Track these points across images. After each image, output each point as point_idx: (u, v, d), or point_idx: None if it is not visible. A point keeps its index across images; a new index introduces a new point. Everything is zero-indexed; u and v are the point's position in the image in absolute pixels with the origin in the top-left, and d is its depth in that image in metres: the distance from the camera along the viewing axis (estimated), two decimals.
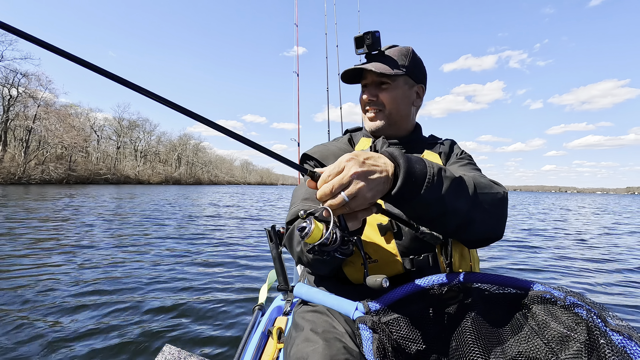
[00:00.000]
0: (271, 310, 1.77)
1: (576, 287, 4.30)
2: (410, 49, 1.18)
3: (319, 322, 0.92)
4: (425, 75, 1.23)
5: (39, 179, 49.59)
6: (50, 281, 3.81)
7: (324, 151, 1.22)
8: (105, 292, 3.52)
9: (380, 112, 1.16)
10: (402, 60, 1.14)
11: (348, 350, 0.81)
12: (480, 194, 0.86)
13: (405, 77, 1.15)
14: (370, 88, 1.16)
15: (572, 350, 0.73)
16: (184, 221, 10.34)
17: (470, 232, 0.86)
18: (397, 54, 1.14)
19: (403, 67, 1.13)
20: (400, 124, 1.19)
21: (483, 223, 0.86)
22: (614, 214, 19.65)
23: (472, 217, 0.84)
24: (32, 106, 53.38)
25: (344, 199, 0.68)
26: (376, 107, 1.16)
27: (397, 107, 1.15)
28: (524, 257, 6.00)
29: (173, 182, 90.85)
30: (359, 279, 1.05)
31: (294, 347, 0.86)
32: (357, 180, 0.68)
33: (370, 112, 1.18)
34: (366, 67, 1.10)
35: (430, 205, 0.76)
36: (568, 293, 0.80)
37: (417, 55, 1.19)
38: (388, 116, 1.16)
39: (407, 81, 1.16)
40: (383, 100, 1.14)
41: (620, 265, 5.65)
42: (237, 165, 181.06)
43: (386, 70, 1.09)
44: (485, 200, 0.87)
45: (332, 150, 1.22)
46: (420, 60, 1.20)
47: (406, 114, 1.19)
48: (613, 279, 4.74)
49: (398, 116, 1.17)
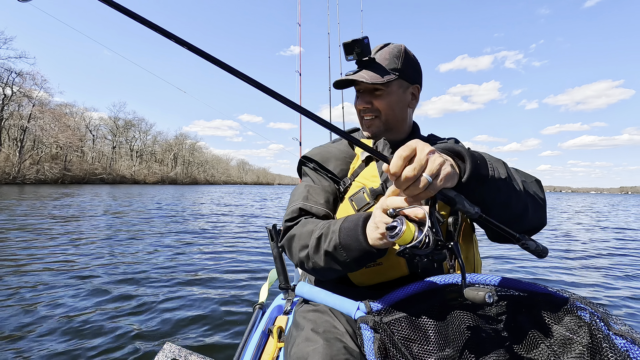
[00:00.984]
0: (272, 309, 1.78)
1: (580, 288, 4.34)
2: (403, 48, 1.13)
3: (319, 322, 0.92)
4: (420, 73, 1.18)
5: (34, 178, 49.30)
6: (49, 280, 3.79)
7: (324, 153, 1.21)
8: (104, 291, 3.51)
9: (376, 118, 1.13)
10: (394, 63, 1.10)
11: (348, 351, 0.81)
12: (524, 179, 0.87)
13: (399, 81, 1.11)
14: (364, 95, 1.13)
15: (575, 353, 0.73)
16: (184, 220, 10.32)
17: (527, 218, 0.86)
18: (388, 57, 1.10)
19: (395, 70, 1.09)
20: (398, 128, 1.16)
21: (534, 208, 0.87)
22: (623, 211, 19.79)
23: (526, 201, 0.84)
24: (27, 105, 53.06)
25: (427, 181, 0.63)
26: (372, 114, 1.13)
27: (392, 112, 1.12)
28: (525, 258, 6.03)
29: (169, 182, 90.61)
30: (363, 282, 1.04)
31: (295, 346, 0.86)
32: (433, 157, 0.64)
33: (366, 119, 1.15)
34: (357, 78, 1.07)
35: (499, 188, 0.75)
36: (572, 296, 0.80)
37: (410, 54, 1.14)
38: (385, 122, 1.13)
39: (401, 84, 1.12)
40: (378, 107, 1.12)
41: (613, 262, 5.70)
42: (234, 165, 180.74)
43: (377, 79, 1.06)
44: (529, 184, 0.88)
45: (332, 152, 1.21)
46: (413, 59, 1.15)
47: (402, 117, 1.16)
48: (616, 278, 4.77)
49: (394, 120, 1.14)
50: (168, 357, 1.03)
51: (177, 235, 7.53)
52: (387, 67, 1.09)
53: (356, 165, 1.15)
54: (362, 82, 1.07)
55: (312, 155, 1.22)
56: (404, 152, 0.64)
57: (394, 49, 1.11)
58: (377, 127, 1.14)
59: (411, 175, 0.63)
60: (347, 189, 1.11)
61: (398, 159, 0.64)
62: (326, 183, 1.16)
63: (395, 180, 0.66)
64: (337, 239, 0.86)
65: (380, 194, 1.04)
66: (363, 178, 1.09)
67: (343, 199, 1.12)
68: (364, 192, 1.06)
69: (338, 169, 1.17)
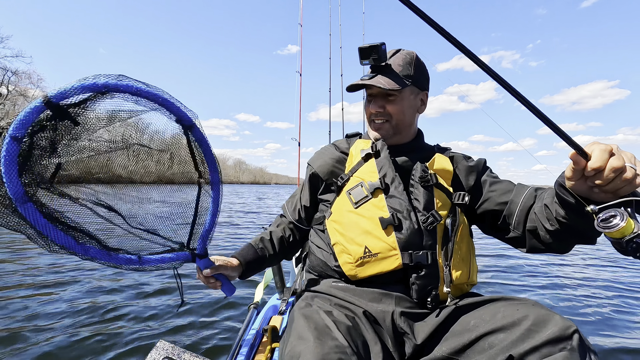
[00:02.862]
0: (267, 309, 1.78)
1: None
2: (414, 55, 1.18)
3: (313, 320, 0.92)
4: (429, 79, 1.24)
5: None
6: (47, 279, 3.79)
7: (315, 156, 1.33)
8: (101, 289, 3.50)
9: (387, 122, 1.18)
10: (408, 69, 1.14)
11: (340, 349, 0.81)
12: None
13: (411, 87, 1.16)
14: (377, 99, 1.17)
15: None
16: None
17: None
18: (402, 63, 1.15)
19: (409, 77, 1.14)
20: (406, 132, 1.21)
21: None
22: None
23: None
24: (23, 104, 52.66)
25: (634, 170, 0.66)
26: (383, 118, 1.18)
27: (403, 117, 1.17)
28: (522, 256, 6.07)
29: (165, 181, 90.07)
30: (357, 275, 1.06)
31: (288, 345, 0.86)
32: (624, 152, 0.70)
33: (376, 122, 1.20)
34: (374, 83, 1.10)
35: None
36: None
37: (421, 61, 1.20)
38: (395, 126, 1.18)
39: (413, 90, 1.17)
40: (390, 112, 1.16)
41: None
42: (230, 164, 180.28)
43: (394, 86, 1.10)
44: None
45: (321, 153, 1.31)
46: (423, 66, 1.21)
47: (411, 122, 1.21)
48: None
49: (403, 125, 1.19)
50: (161, 355, 1.04)
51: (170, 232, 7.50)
52: (400, 74, 1.13)
53: (354, 162, 1.19)
54: (380, 87, 1.10)
55: (309, 160, 1.34)
56: (606, 147, 0.68)
57: (407, 56, 1.16)
58: (387, 131, 1.18)
59: (619, 165, 0.66)
60: (345, 184, 1.16)
61: (602, 153, 0.67)
62: (306, 194, 1.32)
63: (595, 175, 0.69)
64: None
65: (378, 187, 1.08)
66: (362, 173, 1.14)
67: (340, 193, 1.17)
68: (362, 186, 1.10)
69: (323, 167, 1.25)
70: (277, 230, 1.36)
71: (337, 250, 1.10)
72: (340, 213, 1.13)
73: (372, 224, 1.05)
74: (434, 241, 1.04)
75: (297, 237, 1.37)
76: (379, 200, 1.07)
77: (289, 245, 1.36)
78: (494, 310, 0.93)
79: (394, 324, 1.01)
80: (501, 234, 1.16)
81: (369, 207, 1.07)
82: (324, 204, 1.26)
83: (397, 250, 1.01)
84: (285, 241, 1.35)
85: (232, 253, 1.27)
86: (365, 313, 1.02)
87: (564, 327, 0.81)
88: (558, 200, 0.86)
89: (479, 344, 0.89)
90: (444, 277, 1.03)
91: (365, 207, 1.08)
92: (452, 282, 1.03)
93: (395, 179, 1.08)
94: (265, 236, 1.32)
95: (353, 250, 1.05)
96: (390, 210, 1.04)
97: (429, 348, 0.97)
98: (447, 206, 1.09)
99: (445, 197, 1.11)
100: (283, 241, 1.34)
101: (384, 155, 1.14)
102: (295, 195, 1.38)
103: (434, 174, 1.12)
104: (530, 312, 0.87)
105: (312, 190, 1.32)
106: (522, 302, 0.93)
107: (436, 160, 1.16)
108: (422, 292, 1.02)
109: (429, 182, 1.09)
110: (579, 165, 0.70)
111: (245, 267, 1.24)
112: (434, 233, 1.04)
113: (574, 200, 0.78)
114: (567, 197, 0.80)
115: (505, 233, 1.14)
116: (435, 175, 1.12)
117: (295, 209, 1.36)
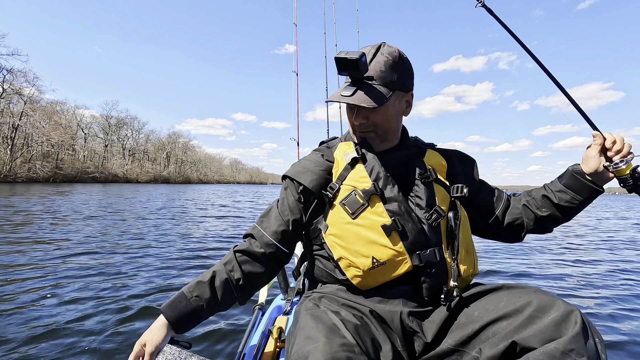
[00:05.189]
0: (271, 310, 1.77)
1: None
2: (397, 54, 1.07)
3: (321, 320, 0.91)
4: (413, 76, 1.13)
5: (26, 177, 48.58)
6: (47, 278, 3.77)
7: (298, 168, 1.19)
8: (103, 291, 3.48)
9: (372, 132, 1.12)
10: (391, 75, 1.05)
11: (349, 347, 0.80)
12: None
13: (395, 94, 1.07)
14: (360, 110, 1.09)
15: None
16: (180, 219, 10.26)
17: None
18: (384, 69, 1.04)
19: (392, 83, 1.05)
20: (392, 137, 1.15)
21: None
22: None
23: None
24: (18, 103, 52.31)
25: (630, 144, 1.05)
26: (368, 129, 1.11)
27: (389, 125, 1.11)
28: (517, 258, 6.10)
29: (162, 180, 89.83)
30: (368, 285, 1.05)
31: (295, 345, 0.84)
32: None
33: (361, 133, 1.13)
34: (355, 102, 1.01)
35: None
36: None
37: (404, 59, 1.09)
38: (381, 135, 1.12)
39: (398, 95, 1.09)
40: (375, 122, 1.09)
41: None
42: (227, 164, 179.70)
43: (376, 103, 1.01)
44: None
45: (306, 165, 1.18)
46: (407, 64, 1.10)
47: (397, 127, 1.16)
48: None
49: (390, 131, 1.13)
50: (168, 359, 1.03)
51: (174, 233, 7.48)
52: (382, 83, 1.04)
53: (340, 169, 1.11)
54: (363, 106, 1.02)
55: (290, 173, 1.19)
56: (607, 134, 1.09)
57: (388, 59, 1.05)
58: (372, 140, 1.13)
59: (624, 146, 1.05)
60: (337, 194, 1.07)
61: (611, 134, 1.08)
62: (297, 211, 1.16)
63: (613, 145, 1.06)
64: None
65: (373, 193, 1.02)
66: (352, 180, 1.06)
67: (333, 205, 1.08)
68: (356, 194, 1.03)
69: (315, 180, 1.14)
70: (223, 270, 1.09)
71: (344, 265, 1.05)
72: (338, 226, 1.05)
73: (375, 233, 1.00)
74: (439, 237, 1.03)
75: (264, 267, 1.13)
76: (377, 207, 1.02)
77: (240, 287, 1.10)
78: (497, 299, 0.95)
79: (402, 324, 1.01)
80: (476, 228, 1.26)
81: (368, 216, 1.02)
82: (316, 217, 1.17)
83: (406, 254, 1.00)
84: (234, 283, 1.09)
85: (161, 305, 1.08)
86: (373, 313, 1.01)
87: (566, 311, 0.82)
88: (568, 185, 1.14)
89: (483, 334, 0.90)
90: (452, 272, 1.02)
91: (363, 216, 1.02)
92: (460, 276, 1.03)
93: (388, 181, 1.04)
94: (203, 279, 1.07)
95: (360, 263, 1.01)
96: (390, 215, 1.00)
97: (437, 343, 0.98)
98: (447, 200, 1.09)
99: (445, 192, 1.10)
100: (229, 285, 1.08)
101: (372, 157, 1.08)
102: (271, 214, 1.17)
103: (432, 169, 1.11)
104: (532, 298, 0.88)
105: (303, 207, 1.16)
106: (524, 289, 0.95)
107: (430, 155, 1.16)
108: (433, 290, 1.02)
109: (428, 178, 1.09)
110: (601, 140, 1.08)
111: (176, 325, 1.05)
112: (439, 229, 1.04)
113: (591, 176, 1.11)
114: (582, 179, 1.12)
115: (482, 228, 1.26)
116: (434, 170, 1.12)
117: (277, 228, 1.13)
